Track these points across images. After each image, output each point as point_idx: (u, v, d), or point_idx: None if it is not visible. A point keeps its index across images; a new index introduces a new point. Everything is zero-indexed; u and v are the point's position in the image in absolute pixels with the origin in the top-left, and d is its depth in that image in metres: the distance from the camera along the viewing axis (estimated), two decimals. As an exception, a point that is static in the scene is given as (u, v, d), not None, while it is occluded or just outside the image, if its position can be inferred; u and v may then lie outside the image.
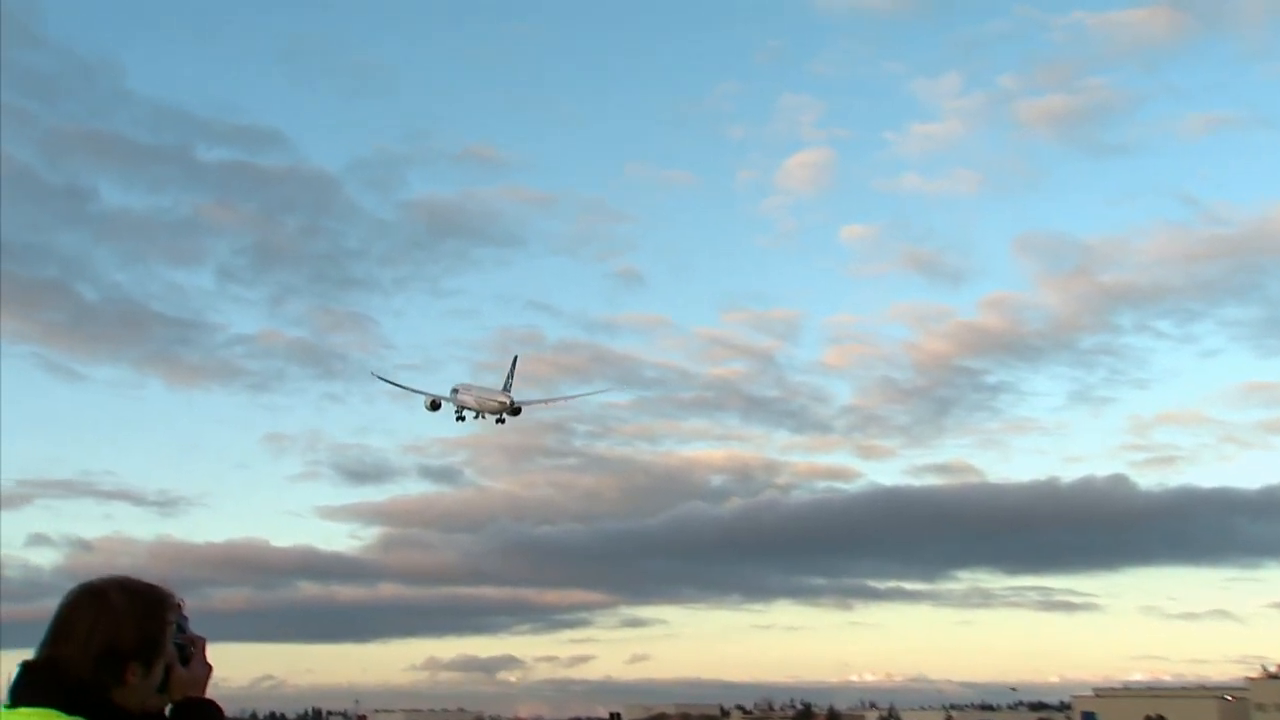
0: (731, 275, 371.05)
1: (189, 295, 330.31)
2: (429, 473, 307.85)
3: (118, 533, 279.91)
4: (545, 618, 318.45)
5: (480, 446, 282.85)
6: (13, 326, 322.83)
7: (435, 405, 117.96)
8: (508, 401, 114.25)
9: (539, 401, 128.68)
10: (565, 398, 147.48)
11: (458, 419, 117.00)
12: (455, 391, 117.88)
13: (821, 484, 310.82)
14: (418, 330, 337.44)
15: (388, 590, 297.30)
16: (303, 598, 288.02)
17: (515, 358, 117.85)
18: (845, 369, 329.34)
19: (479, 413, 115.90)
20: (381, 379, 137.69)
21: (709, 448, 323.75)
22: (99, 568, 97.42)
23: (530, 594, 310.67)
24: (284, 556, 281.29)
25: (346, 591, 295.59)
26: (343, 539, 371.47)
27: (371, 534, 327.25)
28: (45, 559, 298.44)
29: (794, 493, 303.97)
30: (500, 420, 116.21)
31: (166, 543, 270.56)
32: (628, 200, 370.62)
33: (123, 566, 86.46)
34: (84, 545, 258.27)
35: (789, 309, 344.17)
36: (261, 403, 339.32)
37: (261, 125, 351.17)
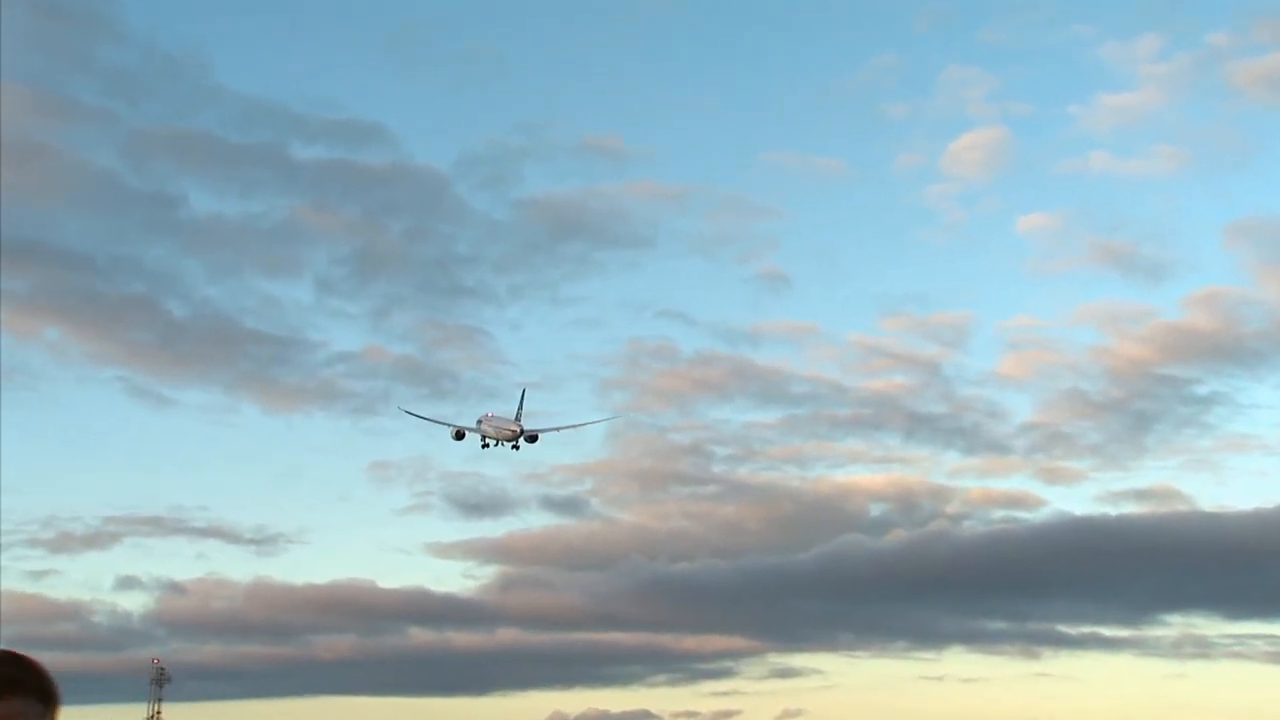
0: (891, 275, 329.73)
1: (285, 309, 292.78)
2: (551, 504, 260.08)
3: (212, 574, 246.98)
4: (684, 667, 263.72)
5: (608, 473, 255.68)
6: (97, 348, 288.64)
7: (460, 435, 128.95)
8: (518, 429, 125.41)
9: (550, 429, 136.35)
10: (575, 425, 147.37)
11: (483, 446, 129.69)
12: (480, 422, 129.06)
13: (999, 513, 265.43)
14: (537, 344, 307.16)
15: (507, 636, 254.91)
16: (413, 645, 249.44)
17: (524, 391, 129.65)
18: (1024, 380, 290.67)
19: (497, 440, 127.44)
20: (408, 412, 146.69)
21: (867, 472, 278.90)
22: (192, 612, 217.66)
23: (666, 640, 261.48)
24: (392, 599, 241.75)
25: (461, 638, 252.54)
26: (456, 579, 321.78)
27: (488, 573, 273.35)
28: (135, 603, 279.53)
29: (966, 523, 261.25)
30: (515, 447, 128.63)
31: (264, 584, 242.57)
32: (770, 193, 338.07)
33: (218, 611, 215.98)
34: (176, 588, 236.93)
35: (958, 312, 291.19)
36: (365, 427, 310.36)
37: (362, 120, 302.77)
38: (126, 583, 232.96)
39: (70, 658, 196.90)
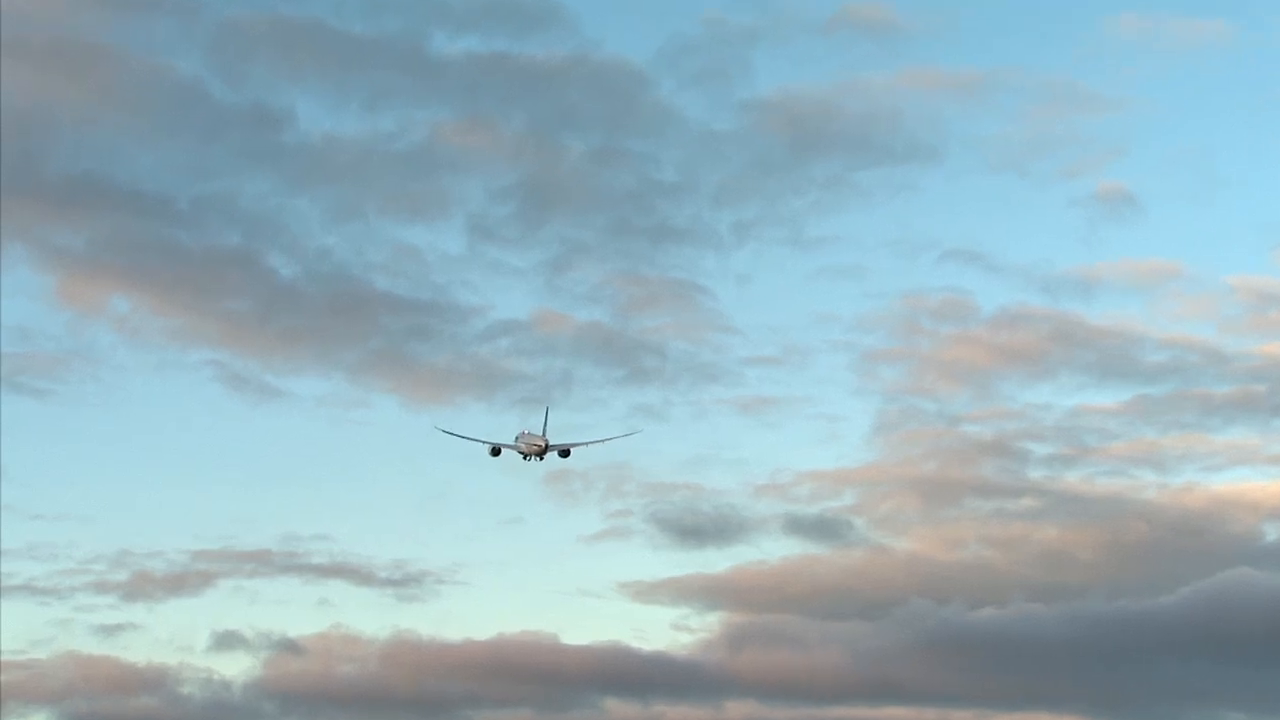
0: None
1: (429, 264, 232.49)
2: (797, 526, 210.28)
3: (337, 627, 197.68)
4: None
5: (876, 482, 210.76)
6: (180, 322, 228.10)
7: (496, 452, 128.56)
8: (542, 444, 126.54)
9: (579, 444, 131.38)
10: (600, 440, 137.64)
11: (525, 459, 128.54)
12: (517, 439, 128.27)
13: None
14: (773, 303, 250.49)
15: (738, 711, 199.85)
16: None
17: (547, 409, 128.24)
18: None
19: (527, 455, 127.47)
20: (446, 432, 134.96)
21: (1258, 477, 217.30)
22: (312, 680, 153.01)
23: (967, 718, 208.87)
24: (580, 660, 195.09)
25: (675, 714, 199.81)
26: (665, 632, 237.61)
27: (710, 623, 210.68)
28: (237, 667, 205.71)
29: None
30: (540, 458, 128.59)
31: (406, 641, 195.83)
32: (1109, 76, 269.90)
33: (345, 677, 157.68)
34: (290, 646, 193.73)
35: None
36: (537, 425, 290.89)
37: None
38: (225, 640, 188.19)
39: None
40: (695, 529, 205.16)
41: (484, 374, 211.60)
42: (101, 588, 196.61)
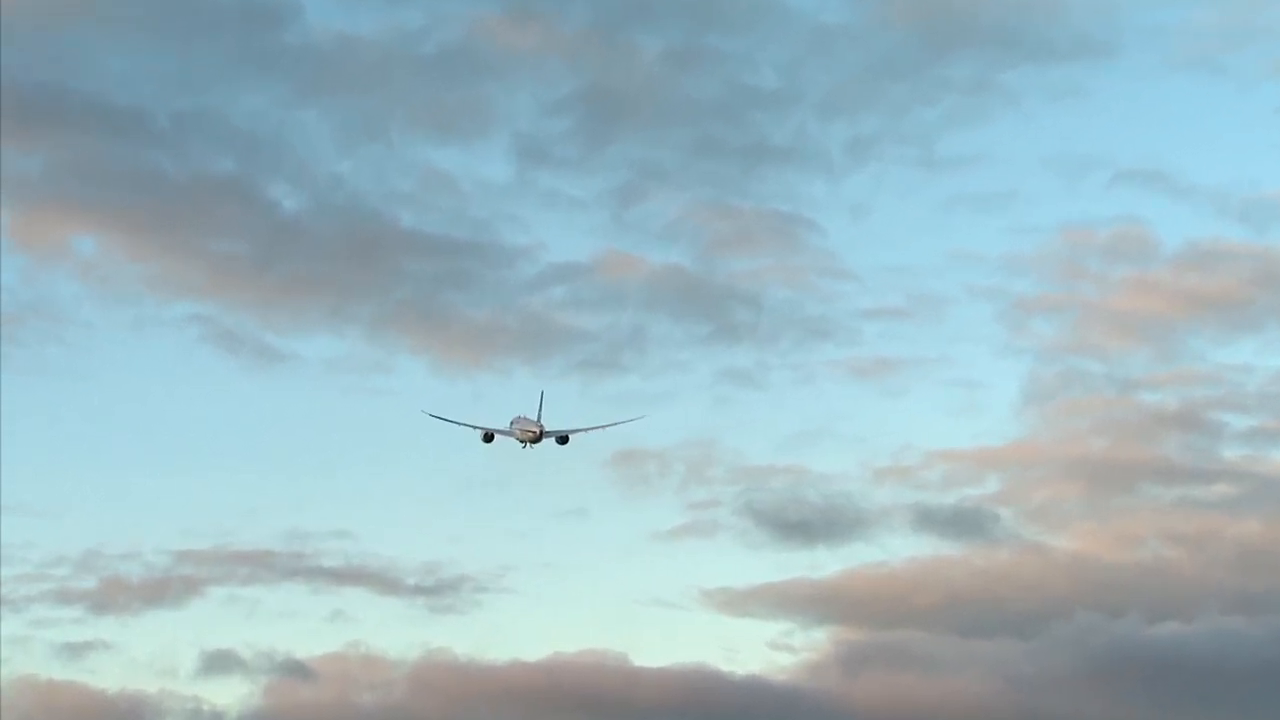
0: None
1: (466, 195, 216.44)
2: (928, 518, 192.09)
3: (354, 645, 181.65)
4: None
5: (1027, 464, 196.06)
6: (159, 267, 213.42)
7: (489, 438, 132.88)
8: (535, 431, 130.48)
9: (577, 430, 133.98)
10: (602, 425, 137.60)
11: (523, 446, 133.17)
12: (512, 424, 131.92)
13: None
14: (896, 240, 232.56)
15: None
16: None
17: (542, 393, 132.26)
18: None
19: (524, 443, 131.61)
20: (433, 416, 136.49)
21: None
22: (325, 710, 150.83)
23: None
24: (656, 685, 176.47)
25: None
26: (760, 651, 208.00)
27: (818, 641, 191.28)
28: (231, 695, 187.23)
29: None
30: (534, 444, 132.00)
31: (440, 663, 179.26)
32: None
33: (366, 708, 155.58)
34: (297, 669, 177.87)
35: None
36: (605, 392, 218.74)
37: None
38: (216, 662, 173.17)
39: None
40: (798, 523, 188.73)
41: (534, 331, 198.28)
42: (64, 597, 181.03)
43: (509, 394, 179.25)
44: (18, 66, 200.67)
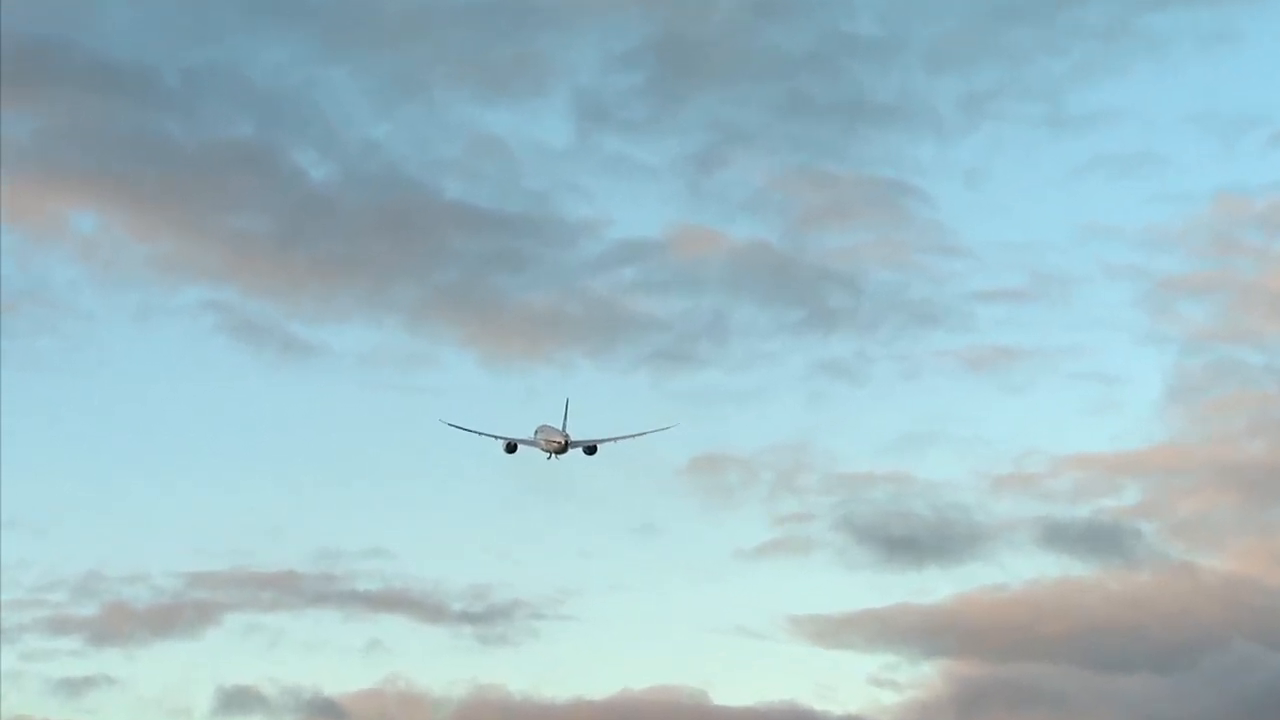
0: None
1: (521, 162, 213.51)
2: (1057, 534, 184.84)
3: (392, 680, 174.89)
4: None
5: (1173, 471, 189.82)
6: (171, 249, 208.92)
7: (512, 448, 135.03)
8: (561, 441, 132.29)
9: (605, 440, 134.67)
10: (626, 436, 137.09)
11: (547, 458, 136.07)
12: (537, 433, 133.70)
13: None
14: (1019, 211, 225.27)
15: None
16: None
17: (568, 400, 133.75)
18: None
19: (549, 453, 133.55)
20: (450, 425, 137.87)
21: None
22: None
23: None
24: None
25: None
26: (860, 688, 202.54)
27: (927, 676, 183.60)
28: None
29: None
30: (560, 455, 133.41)
31: (491, 701, 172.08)
32: None
33: None
34: (327, 708, 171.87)
35: None
36: (678, 389, 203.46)
37: None
38: (235, 699, 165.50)
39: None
40: (904, 540, 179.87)
41: (599, 319, 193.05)
42: (61, 626, 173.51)
43: (569, 391, 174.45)
44: (9, 18, 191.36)
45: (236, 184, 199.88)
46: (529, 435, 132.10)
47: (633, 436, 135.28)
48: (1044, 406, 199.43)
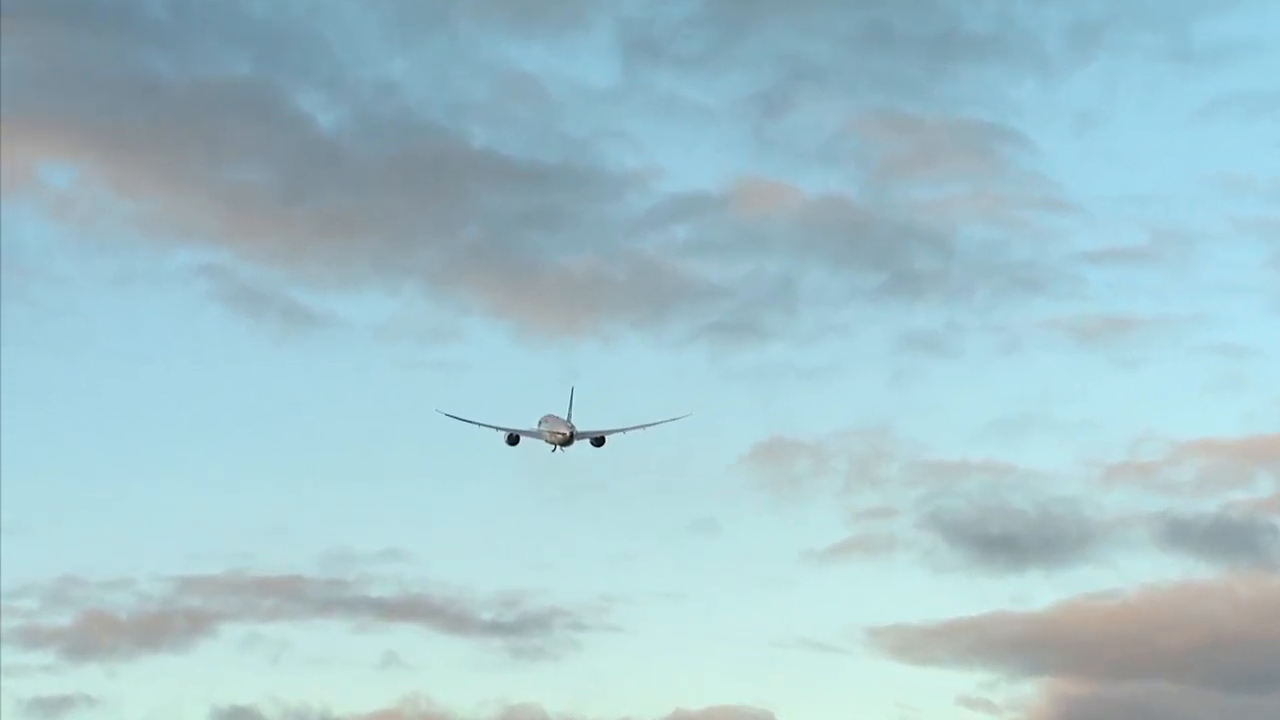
0: None
1: (558, 104, 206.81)
2: (1181, 532, 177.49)
3: (411, 699, 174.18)
4: None
5: None
6: (158, 205, 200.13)
7: (514, 440, 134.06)
8: (566, 433, 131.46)
9: (614, 431, 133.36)
10: (636, 427, 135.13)
11: (552, 451, 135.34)
12: (541, 423, 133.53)
13: None
14: (1137, 158, 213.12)
15: None
16: None
17: (573, 389, 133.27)
18: None
19: (554, 445, 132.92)
20: (449, 415, 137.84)
21: None
22: None
23: None
24: None
25: None
26: (950, 710, 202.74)
27: (1028, 697, 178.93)
28: None
29: None
30: (565, 447, 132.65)
31: None
32: None
33: None
34: None
35: None
36: (740, 365, 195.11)
37: None
38: None
39: None
40: (1002, 539, 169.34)
41: (649, 285, 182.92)
42: (33, 639, 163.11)
43: (615, 367, 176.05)
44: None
45: (232, 130, 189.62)
46: (533, 426, 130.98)
47: (643, 427, 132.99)
48: (1164, 384, 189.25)
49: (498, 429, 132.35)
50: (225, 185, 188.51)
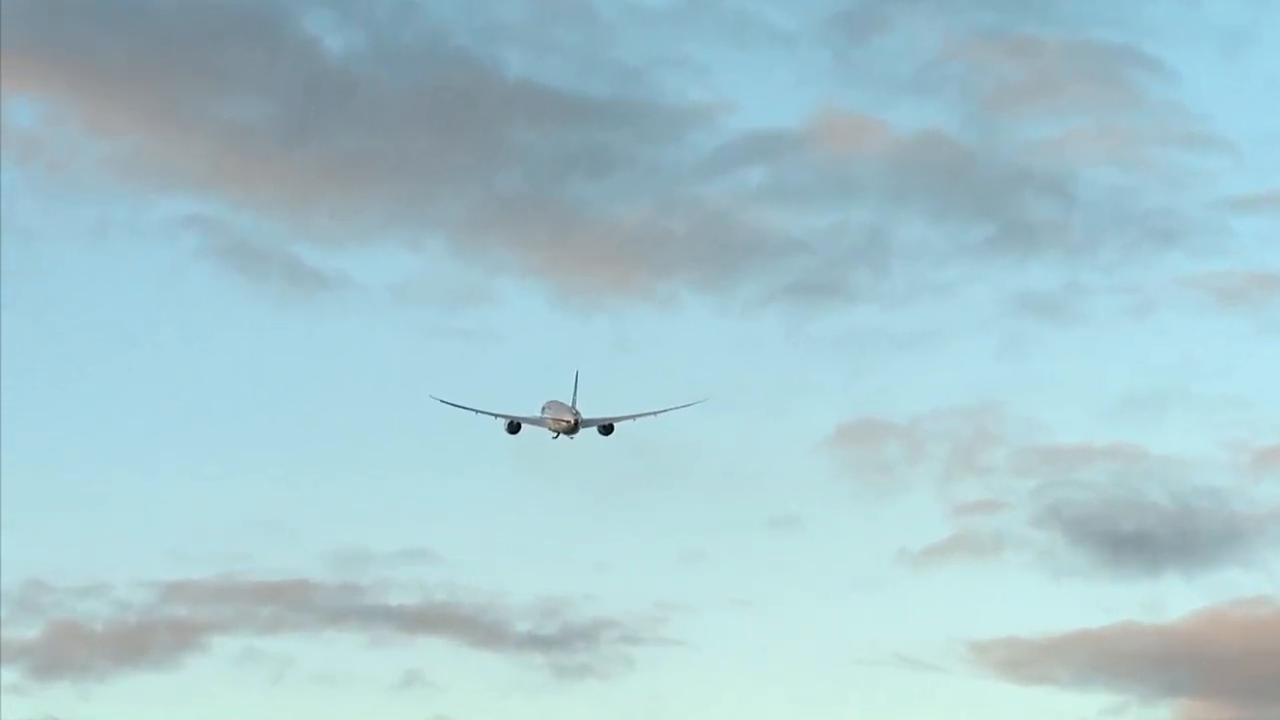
0: None
1: (607, 28, 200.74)
2: None
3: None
4: None
5: None
6: (140, 144, 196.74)
7: (515, 427, 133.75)
8: (570, 420, 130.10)
9: (623, 418, 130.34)
10: (647, 414, 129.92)
11: (554, 437, 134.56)
12: (543, 410, 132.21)
13: None
14: None
15: None
16: None
17: (577, 373, 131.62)
18: None
19: (557, 433, 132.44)
20: (442, 401, 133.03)
21: None
22: None
23: None
24: None
25: None
26: None
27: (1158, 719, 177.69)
28: None
29: None
30: (569, 435, 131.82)
31: None
32: None
33: None
34: None
35: None
36: (822, 331, 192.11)
37: None
38: None
39: None
40: (1132, 537, 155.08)
41: (714, 238, 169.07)
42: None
43: (673, 336, 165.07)
44: None
45: (227, 59, 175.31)
46: (535, 413, 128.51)
47: (654, 414, 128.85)
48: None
49: (497, 416, 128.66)
50: (218, 123, 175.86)
